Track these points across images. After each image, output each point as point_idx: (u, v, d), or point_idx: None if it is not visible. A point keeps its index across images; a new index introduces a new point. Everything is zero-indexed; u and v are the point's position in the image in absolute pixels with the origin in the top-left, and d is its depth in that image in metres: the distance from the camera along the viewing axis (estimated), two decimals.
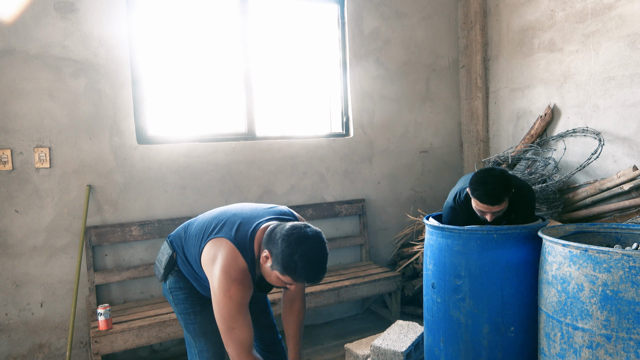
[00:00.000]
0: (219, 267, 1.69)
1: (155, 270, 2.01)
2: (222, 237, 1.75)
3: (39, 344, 2.89)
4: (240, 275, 1.69)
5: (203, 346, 1.91)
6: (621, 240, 2.18)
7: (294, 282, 1.67)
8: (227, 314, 1.68)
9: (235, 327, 1.69)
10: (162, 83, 3.25)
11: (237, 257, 1.70)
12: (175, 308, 1.95)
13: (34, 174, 2.83)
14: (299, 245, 1.61)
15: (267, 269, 1.70)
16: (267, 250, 1.68)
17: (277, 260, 1.64)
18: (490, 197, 2.19)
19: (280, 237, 1.64)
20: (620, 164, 3.21)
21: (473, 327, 2.20)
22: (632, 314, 1.69)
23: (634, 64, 3.10)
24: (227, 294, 1.66)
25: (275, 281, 1.72)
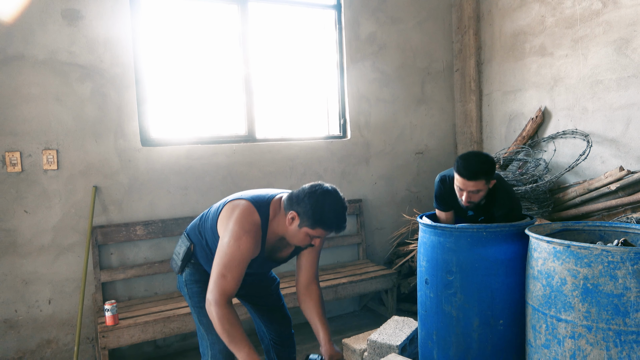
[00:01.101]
0: (234, 219, 1.81)
1: (172, 263, 2.09)
2: (240, 199, 1.89)
3: (47, 339, 2.99)
4: (254, 228, 1.81)
5: (215, 339, 1.97)
6: (604, 238, 2.29)
7: (324, 232, 1.81)
8: (227, 261, 1.77)
9: (227, 275, 1.77)
10: (165, 87, 3.35)
11: (254, 212, 1.83)
12: (190, 301, 2.03)
13: (42, 175, 2.94)
14: (325, 199, 1.78)
15: (294, 230, 1.83)
16: (293, 211, 1.81)
17: (307, 215, 1.78)
18: (467, 170, 2.30)
19: (305, 196, 1.79)
20: (608, 165, 3.33)
21: (464, 320, 2.31)
22: (611, 306, 1.80)
23: (620, 68, 3.22)
24: (238, 241, 1.78)
25: (302, 239, 1.84)
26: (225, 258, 1.78)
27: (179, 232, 3.26)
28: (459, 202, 2.51)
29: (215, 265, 1.80)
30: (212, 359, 1.99)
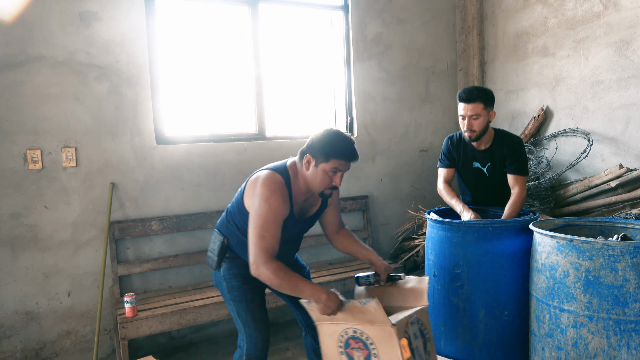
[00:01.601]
0: (259, 185, 1.95)
1: (208, 260, 2.17)
2: (259, 170, 2.06)
3: (66, 330, 3.10)
4: (279, 187, 1.94)
5: (252, 332, 2.07)
6: (605, 233, 2.40)
7: (339, 162, 1.95)
8: (262, 221, 1.88)
9: (266, 235, 1.87)
10: (179, 86, 3.45)
11: (275, 175, 1.98)
12: (228, 295, 2.10)
13: (61, 172, 3.03)
14: (334, 134, 1.98)
15: (312, 173, 1.97)
16: (307, 155, 1.98)
17: (319, 151, 1.94)
18: (465, 93, 2.60)
19: (317, 137, 1.98)
20: (608, 163, 3.44)
21: (470, 311, 2.42)
22: (611, 297, 1.92)
23: (620, 69, 3.32)
24: (267, 201, 1.90)
25: (321, 180, 1.97)
26: (260, 219, 1.89)
27: (193, 227, 3.36)
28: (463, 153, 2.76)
29: (251, 229, 1.90)
30: (247, 351, 2.07)
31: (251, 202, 1.97)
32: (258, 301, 2.12)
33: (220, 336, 3.55)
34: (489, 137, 2.71)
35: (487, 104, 2.61)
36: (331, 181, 1.99)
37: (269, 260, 1.86)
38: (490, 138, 2.72)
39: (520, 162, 2.66)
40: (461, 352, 2.44)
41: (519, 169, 2.64)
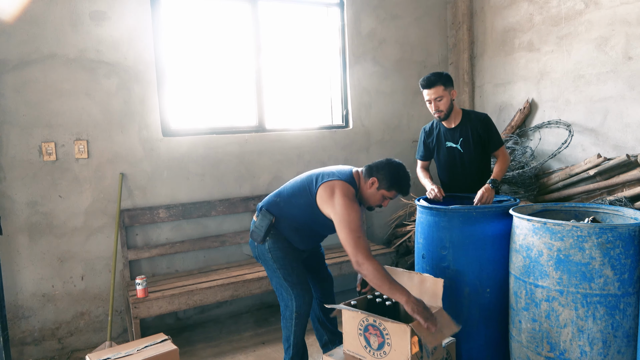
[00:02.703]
0: (340, 195, 2.30)
1: (253, 235, 2.49)
2: (332, 179, 2.37)
3: (80, 311, 3.31)
4: (354, 197, 2.35)
5: (299, 291, 2.45)
6: (578, 217, 2.62)
7: (396, 193, 2.42)
8: (355, 226, 2.23)
9: (361, 235, 2.24)
10: (183, 81, 3.63)
11: (349, 186, 2.36)
12: (274, 264, 2.45)
13: (74, 163, 3.22)
14: (398, 169, 2.41)
15: (372, 192, 2.40)
16: (374, 177, 2.38)
17: (386, 180, 2.37)
18: (424, 81, 2.91)
19: (385, 166, 2.40)
20: (588, 152, 3.65)
21: (456, 289, 2.64)
22: (579, 273, 2.14)
23: (600, 64, 3.53)
24: (351, 209, 2.26)
25: (377, 200, 2.43)
26: (352, 224, 2.24)
27: (197, 215, 3.56)
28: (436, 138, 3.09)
29: (346, 235, 2.23)
30: (297, 308, 2.44)
31: (331, 207, 2.31)
32: (301, 268, 2.52)
33: (224, 317, 3.78)
34: (456, 114, 3.01)
35: (446, 85, 2.90)
36: (382, 203, 2.45)
37: (370, 259, 2.21)
38: (458, 116, 3.01)
39: (496, 136, 3.01)
40: None
41: (497, 143, 3.00)
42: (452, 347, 2.48)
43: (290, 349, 2.51)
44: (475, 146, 2.98)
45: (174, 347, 2.43)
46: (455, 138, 3.03)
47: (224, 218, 3.73)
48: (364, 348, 2.26)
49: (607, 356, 2.15)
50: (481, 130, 2.98)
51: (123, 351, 2.40)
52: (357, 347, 2.29)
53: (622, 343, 2.14)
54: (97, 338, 3.35)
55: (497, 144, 3.01)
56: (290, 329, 2.48)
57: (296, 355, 2.52)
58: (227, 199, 3.70)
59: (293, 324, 2.47)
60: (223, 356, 3.15)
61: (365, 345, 2.25)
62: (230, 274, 3.45)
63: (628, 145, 3.40)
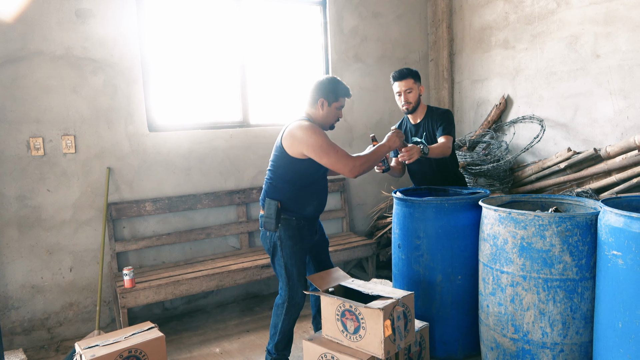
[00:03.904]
0: (299, 130, 2.44)
1: (266, 225, 2.57)
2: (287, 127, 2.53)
3: (69, 302, 3.40)
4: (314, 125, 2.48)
5: (295, 282, 2.57)
6: (544, 207, 2.77)
7: (344, 99, 2.59)
8: (325, 144, 2.41)
9: (337, 149, 2.43)
10: (169, 77, 3.71)
11: (305, 121, 2.50)
12: (281, 252, 2.55)
13: (62, 158, 3.30)
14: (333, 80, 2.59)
15: (326, 112, 2.56)
16: (320, 98, 2.54)
17: (332, 93, 2.54)
18: (397, 72, 3.05)
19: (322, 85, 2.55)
20: (560, 146, 3.82)
21: (429, 277, 2.79)
22: (541, 259, 2.29)
23: (570, 62, 3.68)
24: (315, 133, 2.41)
25: (334, 115, 2.59)
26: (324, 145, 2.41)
27: (184, 208, 3.66)
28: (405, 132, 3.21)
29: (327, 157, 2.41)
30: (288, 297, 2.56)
31: (299, 144, 2.43)
32: (304, 259, 2.64)
33: (210, 307, 3.89)
34: (421, 109, 3.14)
35: (416, 79, 3.05)
36: (338, 115, 2.61)
37: (354, 159, 2.46)
38: (423, 111, 3.15)
39: (446, 123, 3.07)
40: (422, 311, 2.81)
41: (445, 129, 3.05)
42: (425, 331, 2.62)
43: (276, 335, 2.62)
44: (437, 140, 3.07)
45: (160, 334, 2.53)
46: (419, 133, 3.15)
47: (210, 211, 3.84)
48: (341, 332, 2.39)
49: (567, 337, 2.31)
50: (437, 119, 3.09)
51: (111, 338, 2.49)
52: (335, 332, 2.43)
53: (580, 324, 2.30)
54: (85, 328, 3.44)
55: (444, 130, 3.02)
56: (280, 316, 2.58)
57: (281, 342, 2.62)
58: (213, 192, 3.80)
59: (283, 312, 2.57)
60: (208, 344, 3.27)
61: (343, 329, 2.38)
62: (216, 264, 3.56)
63: (596, 140, 3.56)
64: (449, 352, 2.84)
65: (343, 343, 2.39)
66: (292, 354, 2.85)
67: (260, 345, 3.18)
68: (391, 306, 2.28)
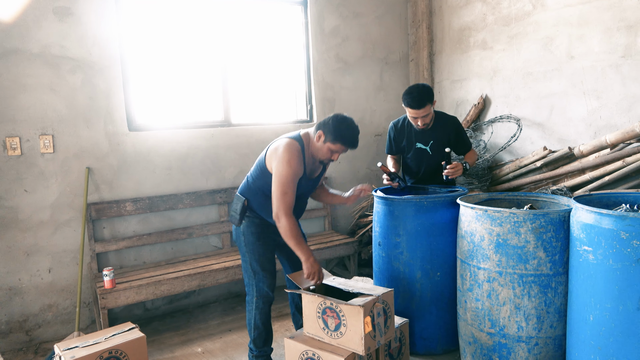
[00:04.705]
0: (281, 148, 2.42)
1: (231, 219, 2.63)
2: (279, 140, 2.51)
3: (48, 304, 3.36)
4: (297, 152, 2.43)
5: (261, 278, 2.59)
6: (520, 205, 2.83)
7: (342, 147, 2.45)
8: (285, 180, 2.37)
9: (288, 192, 2.38)
10: (150, 77, 3.69)
11: (294, 142, 2.46)
12: (245, 247, 2.59)
13: (39, 158, 3.26)
14: (344, 121, 2.45)
15: (319, 145, 2.47)
16: (320, 130, 2.45)
17: (330, 133, 2.41)
18: (415, 102, 2.92)
19: (330, 119, 2.45)
20: (536, 145, 3.90)
21: (409, 274, 2.83)
22: (516, 255, 2.35)
23: (546, 62, 3.76)
24: (289, 163, 2.38)
25: (325, 153, 2.48)
26: (283, 179, 2.37)
27: (164, 208, 3.65)
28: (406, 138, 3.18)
29: (275, 187, 2.39)
30: (257, 293, 2.60)
31: (274, 163, 2.42)
32: (268, 255, 2.64)
33: (192, 307, 3.88)
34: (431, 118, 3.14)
35: (432, 101, 2.99)
36: (331, 157, 2.50)
37: (289, 215, 2.40)
38: (432, 118, 3.13)
39: (467, 141, 3.24)
40: (402, 308, 2.85)
41: (467, 146, 3.25)
42: (405, 327, 2.66)
43: (252, 331, 2.66)
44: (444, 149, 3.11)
45: (141, 334, 2.53)
46: (425, 140, 3.16)
47: (191, 211, 3.83)
48: (322, 330, 2.42)
49: (541, 330, 2.37)
50: (452, 134, 3.15)
51: (91, 340, 2.48)
52: (316, 329, 2.45)
53: (554, 318, 2.36)
54: (65, 330, 3.40)
55: (467, 147, 3.24)
56: (251, 312, 2.63)
57: (258, 337, 2.66)
58: (194, 192, 3.79)
59: (254, 307, 2.62)
60: (190, 344, 3.26)
61: (324, 327, 2.41)
62: (198, 264, 3.56)
63: (570, 139, 3.65)
64: (428, 347, 2.89)
65: (324, 340, 2.42)
66: (275, 352, 2.87)
67: (242, 344, 3.19)
68: (371, 303, 2.31)
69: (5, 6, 3.08)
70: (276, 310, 3.71)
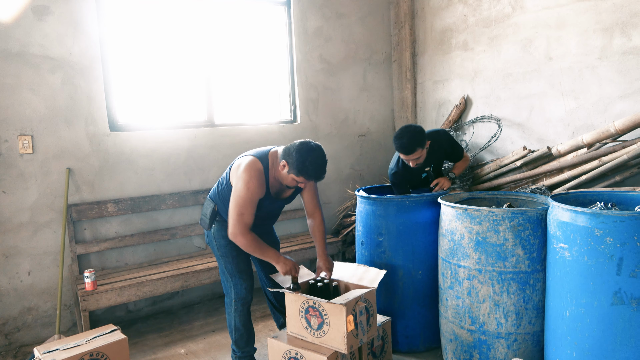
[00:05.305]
0: (242, 168, 2.39)
1: (201, 222, 2.64)
2: (245, 156, 2.48)
3: (27, 307, 3.31)
4: (258, 174, 2.38)
5: (237, 280, 2.58)
6: (500, 204, 2.88)
7: (306, 180, 2.35)
8: (242, 202, 2.35)
9: (244, 213, 2.36)
10: (132, 77, 3.66)
11: (257, 162, 2.41)
12: (217, 251, 2.57)
13: (18, 159, 3.21)
14: (308, 154, 2.29)
15: (284, 175, 2.40)
16: (284, 160, 2.36)
17: (293, 166, 2.31)
18: (405, 149, 2.91)
19: (294, 150, 2.32)
20: (516, 145, 3.97)
21: (391, 272, 2.86)
22: (495, 253, 2.39)
23: (525, 64, 3.83)
24: (247, 185, 2.34)
25: (290, 182, 2.42)
26: (240, 200, 2.36)
27: (147, 209, 3.62)
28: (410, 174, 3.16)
29: (232, 207, 2.38)
30: (235, 295, 2.60)
31: (235, 181, 2.41)
32: (243, 256, 2.60)
33: (176, 308, 3.86)
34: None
35: (423, 145, 2.94)
36: (297, 185, 2.43)
37: (246, 233, 2.38)
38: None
39: (459, 148, 3.33)
40: (385, 306, 2.88)
41: (461, 153, 3.35)
42: (387, 325, 2.69)
43: (233, 333, 2.66)
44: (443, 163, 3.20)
45: (123, 336, 2.51)
46: (426, 165, 3.17)
47: (174, 211, 3.81)
48: (305, 329, 2.43)
49: (520, 327, 2.42)
50: (448, 148, 3.23)
51: (72, 342, 2.46)
52: (299, 329, 2.46)
53: (533, 314, 2.41)
54: (45, 333, 3.36)
55: (460, 153, 3.34)
56: (231, 314, 2.63)
57: (240, 339, 2.66)
58: (177, 192, 3.77)
59: (233, 309, 2.62)
60: (173, 345, 3.25)
61: (307, 326, 2.42)
62: (181, 265, 3.54)
63: (549, 138, 3.72)
64: (411, 345, 2.92)
65: (307, 339, 2.43)
66: (258, 351, 2.87)
67: (226, 345, 3.19)
68: (354, 302, 2.33)
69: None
70: (260, 311, 3.71)
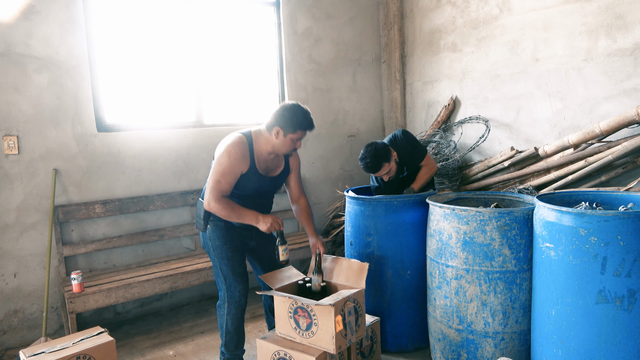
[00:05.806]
0: (226, 142, 2.42)
1: (196, 224, 2.60)
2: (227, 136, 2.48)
3: (13, 309, 3.27)
4: (241, 143, 2.41)
5: (232, 282, 2.55)
6: (487, 204, 2.91)
7: (303, 132, 2.44)
8: (221, 170, 2.35)
9: (222, 180, 2.36)
10: (119, 77, 3.63)
11: (241, 136, 2.45)
12: (213, 252, 2.54)
13: (3, 159, 3.17)
14: (295, 109, 2.43)
15: (280, 140, 2.44)
16: (276, 127, 2.41)
17: (288, 124, 2.40)
18: (370, 168, 2.95)
19: (281, 113, 2.42)
20: (504, 145, 4.00)
21: (380, 272, 2.87)
22: (482, 253, 2.41)
23: (513, 65, 3.87)
24: (228, 154, 2.36)
25: (289, 145, 2.46)
26: (219, 167, 2.36)
27: (135, 210, 3.60)
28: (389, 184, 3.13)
29: (211, 175, 2.38)
30: (228, 298, 2.56)
31: (216, 156, 2.42)
32: (238, 258, 2.58)
33: (164, 309, 3.84)
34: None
35: (389, 160, 2.95)
36: (294, 146, 2.49)
37: (219, 199, 2.36)
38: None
39: (417, 150, 3.12)
40: (373, 306, 2.89)
41: (419, 155, 3.12)
42: (376, 325, 2.70)
43: (223, 335, 2.63)
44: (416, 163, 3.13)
45: (110, 338, 2.48)
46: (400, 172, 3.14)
47: (163, 212, 3.79)
48: (294, 330, 2.43)
49: (507, 326, 2.44)
50: (409, 147, 3.11)
51: (58, 345, 2.43)
52: (288, 329, 2.46)
53: (519, 314, 2.43)
54: (32, 335, 3.32)
55: (422, 154, 3.12)
56: (223, 317, 2.60)
57: (230, 342, 2.64)
58: (166, 193, 3.75)
59: (225, 312, 2.59)
60: (162, 347, 3.23)
61: (295, 327, 2.42)
62: (170, 266, 3.52)
63: (536, 139, 3.76)
64: (399, 345, 2.94)
65: (296, 340, 2.43)
66: (247, 352, 2.86)
67: (215, 346, 3.18)
68: (342, 302, 2.33)
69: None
70: (250, 312, 3.71)
